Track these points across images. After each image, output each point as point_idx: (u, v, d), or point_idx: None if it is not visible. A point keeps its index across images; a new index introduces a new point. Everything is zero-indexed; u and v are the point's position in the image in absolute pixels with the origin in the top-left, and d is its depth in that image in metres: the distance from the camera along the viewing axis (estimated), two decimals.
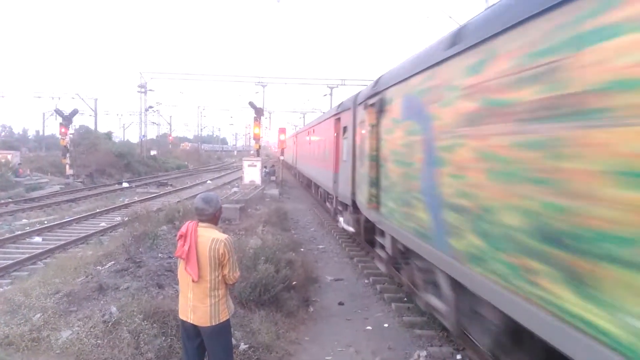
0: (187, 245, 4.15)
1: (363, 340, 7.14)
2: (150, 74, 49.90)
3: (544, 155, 3.53)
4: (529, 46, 3.75)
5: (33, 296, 6.93)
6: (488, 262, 4.37)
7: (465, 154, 4.93)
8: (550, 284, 3.42)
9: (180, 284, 4.41)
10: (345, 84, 48.06)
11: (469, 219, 4.78)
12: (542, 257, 3.51)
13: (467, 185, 4.86)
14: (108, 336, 5.64)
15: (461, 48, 5.06)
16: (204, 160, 77.66)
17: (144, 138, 54.75)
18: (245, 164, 26.76)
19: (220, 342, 4.35)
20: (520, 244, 3.81)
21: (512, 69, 3.99)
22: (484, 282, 4.44)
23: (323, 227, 17.34)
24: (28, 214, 19.97)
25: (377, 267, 10.73)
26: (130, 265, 8.41)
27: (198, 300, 4.20)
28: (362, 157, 10.34)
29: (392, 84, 7.97)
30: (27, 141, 79.56)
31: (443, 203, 5.48)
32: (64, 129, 34.16)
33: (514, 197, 3.95)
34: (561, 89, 3.33)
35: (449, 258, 5.31)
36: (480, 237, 4.51)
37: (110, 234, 15.80)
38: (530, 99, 3.72)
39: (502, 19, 4.25)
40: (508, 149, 4.06)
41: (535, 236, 3.62)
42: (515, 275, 3.88)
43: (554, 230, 3.38)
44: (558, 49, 3.38)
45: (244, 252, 8.66)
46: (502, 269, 4.10)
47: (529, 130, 3.74)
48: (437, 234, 5.68)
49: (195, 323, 4.24)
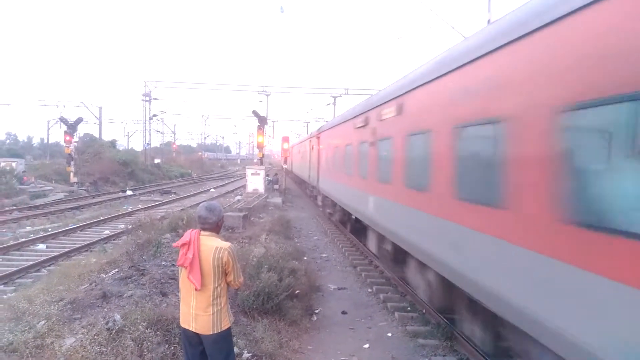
0: (190, 253, 4.16)
1: (366, 349, 7.12)
2: (155, 83, 50.18)
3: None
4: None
5: (37, 303, 6.94)
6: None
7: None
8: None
9: (181, 293, 4.40)
10: (348, 93, 48.12)
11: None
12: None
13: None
14: (112, 344, 5.64)
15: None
16: (208, 169, 77.82)
17: (148, 146, 54.91)
18: (249, 173, 26.80)
19: (222, 351, 4.34)
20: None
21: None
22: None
23: (326, 236, 17.31)
24: (32, 222, 20.03)
25: (380, 275, 11.25)
26: (134, 273, 8.42)
27: (200, 309, 4.20)
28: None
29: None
30: (31, 149, 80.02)
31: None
32: (69, 137, 34.40)
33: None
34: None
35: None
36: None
37: (114, 242, 15.83)
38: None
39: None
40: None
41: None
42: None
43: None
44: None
45: (247, 261, 8.66)
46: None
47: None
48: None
49: (197, 331, 4.24)
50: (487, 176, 5.23)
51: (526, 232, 4.44)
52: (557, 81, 4.09)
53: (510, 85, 4.85)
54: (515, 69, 4.80)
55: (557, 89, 4.08)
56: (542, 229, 4.18)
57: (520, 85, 4.67)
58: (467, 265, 5.68)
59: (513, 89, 4.80)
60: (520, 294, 4.50)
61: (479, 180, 5.49)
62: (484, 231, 5.24)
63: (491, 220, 5.10)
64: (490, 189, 5.08)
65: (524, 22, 4.66)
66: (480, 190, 5.40)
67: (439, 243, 6.60)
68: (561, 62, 4.05)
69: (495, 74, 5.17)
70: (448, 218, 6.23)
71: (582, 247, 3.68)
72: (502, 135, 4.91)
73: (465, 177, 5.79)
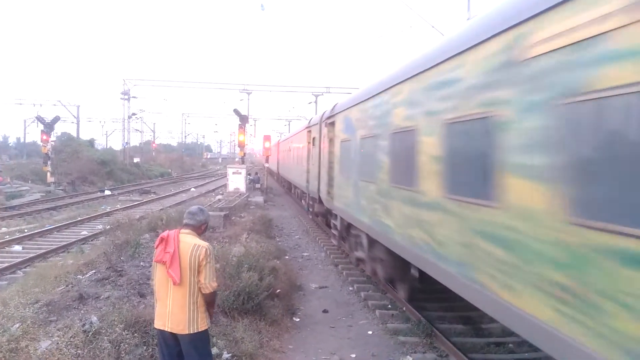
0: (170, 248, 4.20)
1: (347, 347, 7.13)
2: (134, 81, 49.56)
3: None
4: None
5: (12, 306, 6.81)
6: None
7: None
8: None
9: (157, 292, 4.38)
10: (330, 91, 48.16)
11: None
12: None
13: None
14: (88, 346, 5.55)
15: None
16: (188, 168, 77.17)
17: (127, 145, 54.29)
18: (230, 172, 26.65)
19: (198, 352, 4.32)
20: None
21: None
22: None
23: (308, 235, 17.31)
24: (8, 223, 19.63)
25: (361, 274, 11.17)
26: (112, 274, 8.32)
27: (177, 307, 4.20)
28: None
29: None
30: (7, 148, 78.31)
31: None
32: (46, 137, 33.75)
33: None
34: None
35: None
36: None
37: (91, 243, 15.60)
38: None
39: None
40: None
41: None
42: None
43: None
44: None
45: (227, 261, 8.60)
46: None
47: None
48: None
49: (173, 331, 4.23)
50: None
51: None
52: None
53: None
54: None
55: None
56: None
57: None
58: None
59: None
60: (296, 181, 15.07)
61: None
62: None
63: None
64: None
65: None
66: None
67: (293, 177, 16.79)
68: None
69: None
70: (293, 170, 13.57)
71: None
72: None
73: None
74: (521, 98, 4.10)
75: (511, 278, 4.20)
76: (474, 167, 5.03)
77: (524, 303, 3.98)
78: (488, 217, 4.64)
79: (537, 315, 3.78)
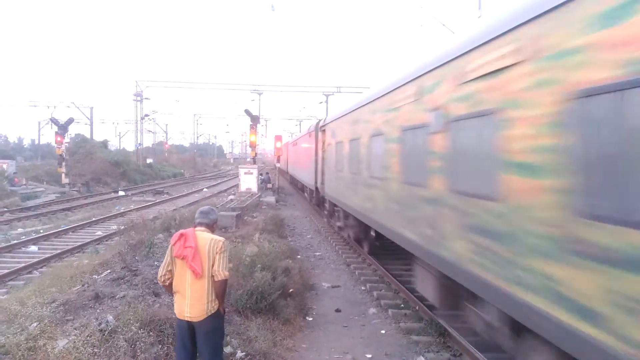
0: (191, 243, 4.52)
1: (360, 346, 7.14)
2: (146, 83, 50.03)
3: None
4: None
5: (29, 305, 6.91)
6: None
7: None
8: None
9: (176, 286, 4.64)
10: (341, 91, 48.23)
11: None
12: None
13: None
14: (104, 345, 5.63)
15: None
16: (200, 168, 77.59)
17: (139, 146, 54.72)
18: (242, 172, 26.76)
19: (213, 338, 4.64)
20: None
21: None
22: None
23: (320, 234, 17.33)
24: (24, 223, 19.91)
25: (373, 273, 11.33)
26: (127, 273, 8.39)
27: (196, 299, 4.52)
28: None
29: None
30: (22, 150, 79.44)
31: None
32: (60, 138, 34.14)
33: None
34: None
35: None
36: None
37: (106, 243, 15.77)
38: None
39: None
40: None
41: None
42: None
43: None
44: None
45: (240, 260, 8.65)
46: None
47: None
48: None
49: (192, 318, 4.52)
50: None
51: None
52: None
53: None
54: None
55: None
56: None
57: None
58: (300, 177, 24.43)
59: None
60: (302, 178, 24.77)
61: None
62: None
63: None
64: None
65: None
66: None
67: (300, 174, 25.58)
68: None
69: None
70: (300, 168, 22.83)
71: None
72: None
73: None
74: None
75: (409, 224, 7.54)
76: (378, 159, 9.23)
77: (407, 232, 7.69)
78: (390, 187, 8.49)
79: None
